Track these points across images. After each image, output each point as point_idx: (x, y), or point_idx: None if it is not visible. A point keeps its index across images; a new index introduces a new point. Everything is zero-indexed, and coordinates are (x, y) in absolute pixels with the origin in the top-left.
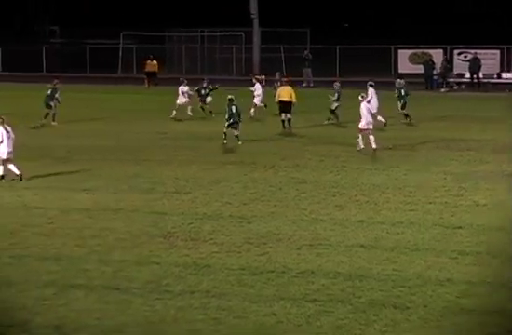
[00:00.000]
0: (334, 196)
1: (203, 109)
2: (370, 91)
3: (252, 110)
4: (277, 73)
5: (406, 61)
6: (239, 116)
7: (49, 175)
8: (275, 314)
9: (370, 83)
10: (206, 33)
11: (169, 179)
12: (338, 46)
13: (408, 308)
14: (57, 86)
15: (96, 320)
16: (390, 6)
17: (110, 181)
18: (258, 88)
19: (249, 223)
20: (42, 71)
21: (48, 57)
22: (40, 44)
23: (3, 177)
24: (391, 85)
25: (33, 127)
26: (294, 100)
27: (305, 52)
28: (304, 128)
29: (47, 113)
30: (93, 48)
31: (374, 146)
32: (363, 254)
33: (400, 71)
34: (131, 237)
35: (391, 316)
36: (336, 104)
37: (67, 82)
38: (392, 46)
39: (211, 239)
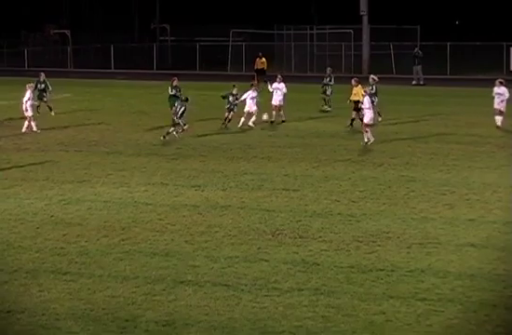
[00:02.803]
0: (444, 195)
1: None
2: (502, 90)
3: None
4: (328, 69)
5: None
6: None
7: (159, 171)
8: (384, 313)
9: (500, 80)
10: (315, 31)
11: (278, 176)
12: (449, 43)
13: None
14: (175, 83)
15: (205, 316)
16: (502, 3)
17: (219, 178)
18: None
19: (358, 221)
20: (153, 68)
21: (159, 54)
22: (151, 42)
23: None
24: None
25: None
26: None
27: (415, 49)
28: (414, 126)
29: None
30: (203, 46)
31: (366, 140)
32: (473, 253)
33: None
34: (240, 234)
35: (503, 317)
36: None
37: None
38: (504, 43)
39: (320, 237)
